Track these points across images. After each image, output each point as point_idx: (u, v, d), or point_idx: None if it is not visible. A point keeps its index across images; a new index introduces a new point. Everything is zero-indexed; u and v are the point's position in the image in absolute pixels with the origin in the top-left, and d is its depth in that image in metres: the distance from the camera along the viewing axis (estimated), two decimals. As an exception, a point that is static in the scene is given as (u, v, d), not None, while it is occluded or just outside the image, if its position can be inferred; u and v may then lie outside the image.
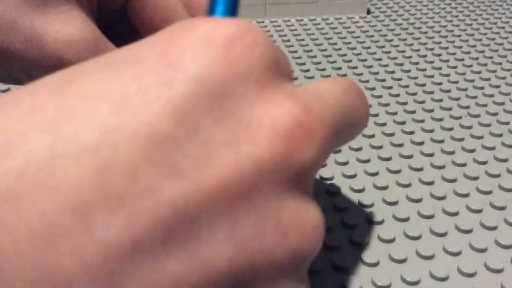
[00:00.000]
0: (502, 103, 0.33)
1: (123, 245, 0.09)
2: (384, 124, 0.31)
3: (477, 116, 0.32)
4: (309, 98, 0.12)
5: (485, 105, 0.33)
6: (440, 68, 0.38)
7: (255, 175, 0.10)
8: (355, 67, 0.38)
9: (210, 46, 0.11)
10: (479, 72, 0.37)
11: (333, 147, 0.14)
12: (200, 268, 0.09)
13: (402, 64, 0.38)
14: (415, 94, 0.34)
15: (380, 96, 0.34)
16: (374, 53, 0.40)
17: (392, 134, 0.30)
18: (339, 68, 0.38)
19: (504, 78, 0.37)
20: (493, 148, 0.29)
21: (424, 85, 0.36)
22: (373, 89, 0.35)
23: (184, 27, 0.11)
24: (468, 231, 0.23)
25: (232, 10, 0.17)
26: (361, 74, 0.37)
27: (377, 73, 0.37)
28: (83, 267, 0.08)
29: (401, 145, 0.29)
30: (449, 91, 0.35)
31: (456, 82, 0.36)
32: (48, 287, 0.08)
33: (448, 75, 0.37)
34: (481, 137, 0.30)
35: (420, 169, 0.27)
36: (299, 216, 0.11)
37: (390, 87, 0.35)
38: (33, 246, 0.08)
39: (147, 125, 0.09)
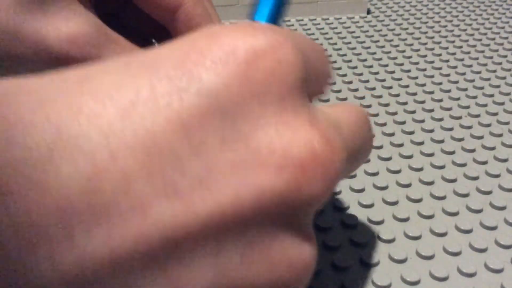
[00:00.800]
0: (502, 103, 0.33)
1: (102, 259, 0.08)
2: (384, 124, 0.31)
3: (477, 116, 0.32)
4: (328, 128, 0.11)
5: (485, 105, 0.33)
6: (440, 68, 0.38)
7: (254, 207, 0.09)
8: (355, 67, 0.38)
9: (230, 60, 0.10)
10: (479, 72, 0.37)
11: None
12: None
13: (402, 64, 0.38)
14: (415, 94, 0.34)
15: (380, 96, 0.34)
16: (374, 53, 0.40)
17: (392, 134, 0.30)
18: (339, 68, 0.38)
19: (504, 78, 0.37)
20: (493, 148, 0.29)
21: (424, 85, 0.36)
22: (373, 89, 0.35)
23: (208, 35, 0.10)
24: (468, 231, 0.23)
25: (273, 17, 0.15)
26: (361, 74, 0.37)
27: (377, 73, 0.37)
28: (58, 274, 0.08)
29: (401, 145, 0.29)
30: (449, 91, 0.35)
31: (456, 82, 0.36)
32: None
33: (448, 75, 0.37)
34: (481, 137, 0.30)
35: (420, 169, 0.27)
36: (290, 252, 0.10)
37: (390, 87, 0.35)
38: (16, 247, 0.08)
39: (149, 134, 0.09)
